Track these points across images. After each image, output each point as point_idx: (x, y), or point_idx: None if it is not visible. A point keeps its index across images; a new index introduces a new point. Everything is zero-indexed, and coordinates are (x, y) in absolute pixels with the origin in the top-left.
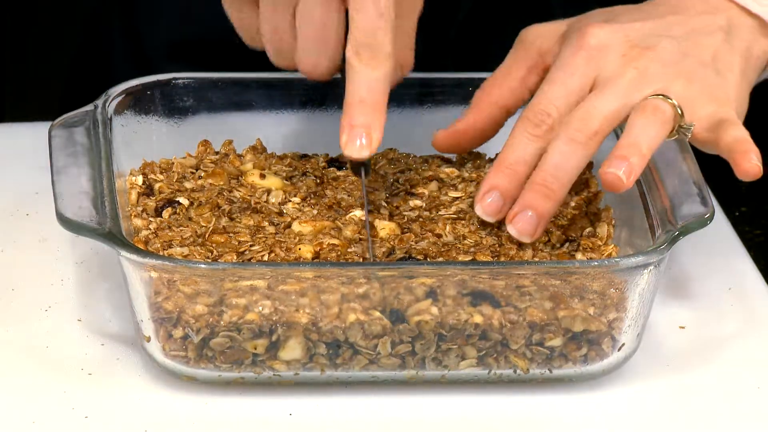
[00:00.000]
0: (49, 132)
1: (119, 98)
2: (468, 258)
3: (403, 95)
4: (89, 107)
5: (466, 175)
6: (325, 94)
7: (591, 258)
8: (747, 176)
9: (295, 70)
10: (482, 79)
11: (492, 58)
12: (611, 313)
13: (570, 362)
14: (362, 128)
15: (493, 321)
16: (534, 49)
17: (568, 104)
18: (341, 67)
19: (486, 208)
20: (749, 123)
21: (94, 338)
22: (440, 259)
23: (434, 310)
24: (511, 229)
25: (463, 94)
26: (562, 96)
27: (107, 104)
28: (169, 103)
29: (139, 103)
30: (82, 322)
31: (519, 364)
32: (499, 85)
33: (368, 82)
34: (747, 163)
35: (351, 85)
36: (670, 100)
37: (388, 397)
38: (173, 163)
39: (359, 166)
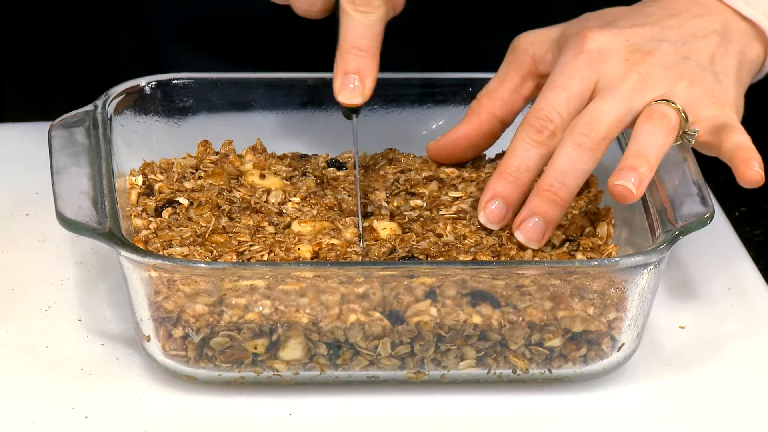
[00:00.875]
0: (49, 132)
1: (119, 98)
2: (469, 258)
3: (404, 95)
4: (89, 107)
5: (465, 175)
6: (325, 94)
7: (591, 258)
8: (749, 184)
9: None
10: (483, 80)
11: (488, 51)
12: (611, 313)
13: (570, 362)
14: (355, 74)
15: (492, 321)
16: (527, 56)
17: (570, 109)
18: (336, 9)
19: (489, 216)
20: (748, 124)
21: (94, 338)
22: (441, 258)
23: (433, 310)
24: (519, 235)
25: (464, 94)
26: (563, 101)
27: (107, 104)
28: (169, 104)
29: (139, 103)
30: (82, 322)
31: (518, 364)
32: (491, 95)
33: (361, 27)
34: (749, 171)
35: (344, 31)
36: (674, 105)
37: (388, 397)
38: (173, 163)
39: (351, 112)
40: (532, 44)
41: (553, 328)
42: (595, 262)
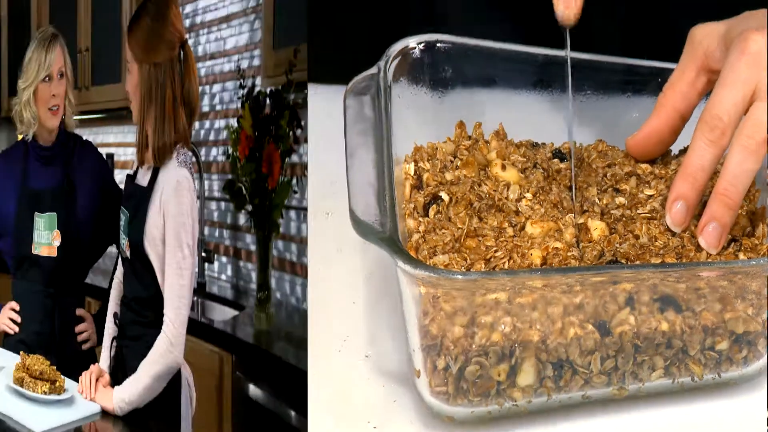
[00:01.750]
0: (344, 100)
1: (396, 60)
2: (658, 260)
3: (607, 81)
4: (373, 70)
5: (657, 171)
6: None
7: (750, 257)
8: None
9: None
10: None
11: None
12: (765, 312)
13: (734, 365)
14: None
15: (676, 327)
16: (701, 49)
17: (737, 108)
18: None
19: (673, 217)
20: None
21: (377, 379)
22: (638, 262)
23: (632, 319)
24: (701, 241)
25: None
26: (730, 99)
27: (387, 66)
28: (434, 72)
29: (411, 69)
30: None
31: (695, 371)
32: (674, 88)
33: None
34: None
35: None
36: None
37: (597, 419)
38: (437, 149)
39: (565, 28)
40: (706, 37)
41: (722, 330)
42: (763, 260)
